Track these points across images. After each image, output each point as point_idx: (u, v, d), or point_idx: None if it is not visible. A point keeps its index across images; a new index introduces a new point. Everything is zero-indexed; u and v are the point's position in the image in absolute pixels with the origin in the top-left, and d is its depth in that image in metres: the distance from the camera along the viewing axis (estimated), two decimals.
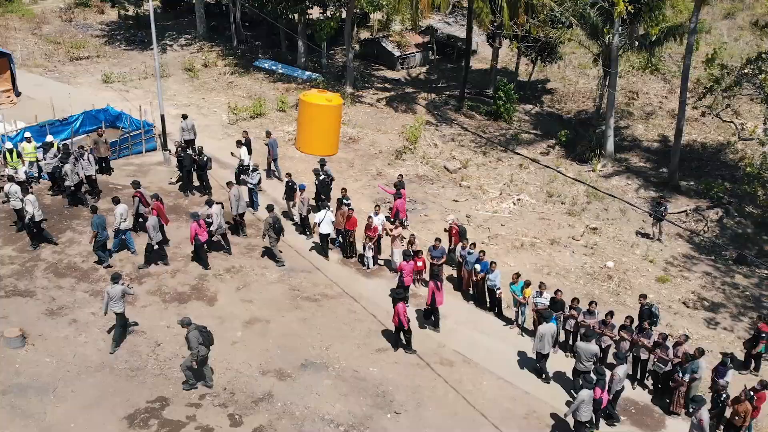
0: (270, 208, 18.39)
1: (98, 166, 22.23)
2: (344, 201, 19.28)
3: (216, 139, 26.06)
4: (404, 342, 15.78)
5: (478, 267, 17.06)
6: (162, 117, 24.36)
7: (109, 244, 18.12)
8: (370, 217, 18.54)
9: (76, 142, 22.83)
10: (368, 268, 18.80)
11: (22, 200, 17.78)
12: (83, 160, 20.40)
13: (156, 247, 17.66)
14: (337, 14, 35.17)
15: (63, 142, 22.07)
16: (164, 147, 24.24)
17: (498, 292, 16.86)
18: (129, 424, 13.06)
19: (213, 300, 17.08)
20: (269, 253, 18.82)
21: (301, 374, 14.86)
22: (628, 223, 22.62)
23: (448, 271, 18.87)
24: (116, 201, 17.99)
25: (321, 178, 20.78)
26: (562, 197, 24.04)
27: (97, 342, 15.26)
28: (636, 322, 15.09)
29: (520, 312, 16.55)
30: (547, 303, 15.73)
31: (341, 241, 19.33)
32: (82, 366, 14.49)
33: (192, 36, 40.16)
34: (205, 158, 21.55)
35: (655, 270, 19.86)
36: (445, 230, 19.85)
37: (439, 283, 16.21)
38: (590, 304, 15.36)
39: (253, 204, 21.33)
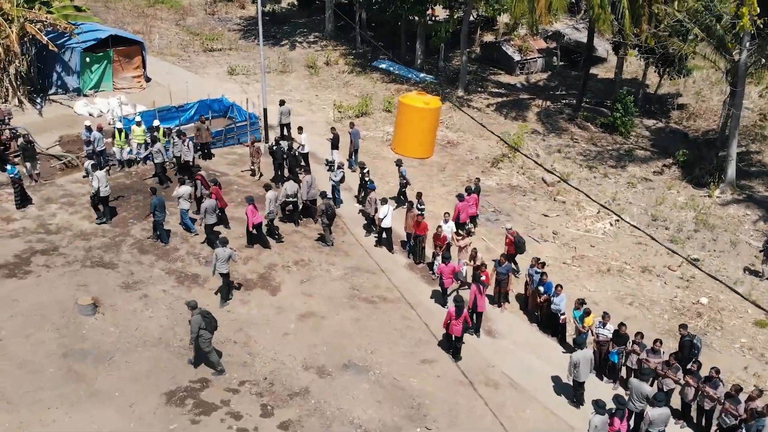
0: (323, 195, 19.05)
1: (200, 151, 23.62)
2: (418, 206, 18.97)
3: (319, 134, 26.59)
4: (453, 349, 15.36)
5: (541, 288, 16.08)
6: (265, 111, 25.32)
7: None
8: (439, 226, 18.09)
9: (188, 130, 24.29)
10: (435, 275, 18.36)
11: (90, 175, 19.04)
12: (183, 145, 21.67)
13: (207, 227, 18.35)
14: (455, 17, 34.67)
15: (177, 128, 23.51)
16: (266, 140, 25.16)
17: (562, 317, 15.78)
18: (167, 400, 13.63)
19: (276, 290, 17.46)
20: (322, 238, 19.44)
21: (341, 374, 14.79)
22: (737, 257, 20.32)
23: (518, 288, 17.99)
24: (181, 182, 19.02)
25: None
26: (667, 222, 22.09)
27: (161, 318, 16.09)
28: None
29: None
30: (610, 335, 14.51)
31: (411, 244, 19.04)
32: (142, 339, 15.33)
33: (320, 34, 41.47)
34: (296, 153, 22.09)
35: (755, 312, 17.69)
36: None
37: (481, 287, 15.58)
38: (655, 342, 13.94)
39: (335, 200, 21.56)
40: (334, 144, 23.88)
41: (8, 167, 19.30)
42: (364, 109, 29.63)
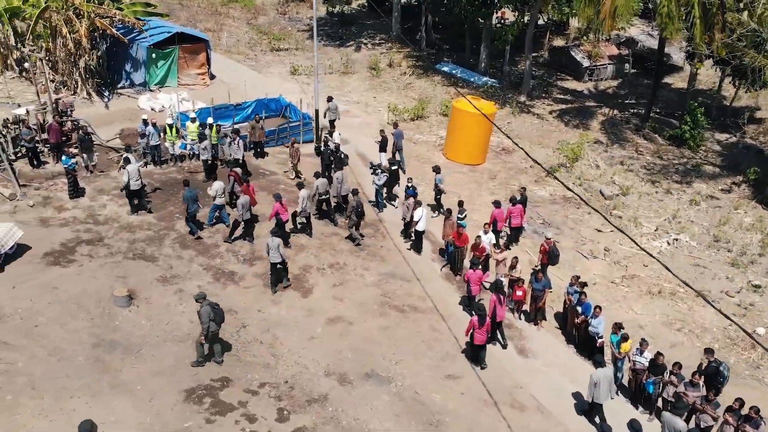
0: (355, 192, 19.08)
1: (253, 150, 23.87)
2: (458, 215, 18.43)
3: (371, 137, 26.38)
4: (477, 357, 15.00)
5: (579, 308, 15.27)
6: (316, 112, 25.34)
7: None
8: (478, 236, 17.51)
9: (243, 128, 24.61)
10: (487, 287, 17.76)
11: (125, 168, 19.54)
12: (234, 143, 21.92)
13: (242, 224, 18.60)
14: (522, 20, 33.73)
15: (233, 126, 23.86)
16: (317, 140, 25.16)
17: (599, 340, 14.91)
18: (186, 397, 13.70)
19: (308, 292, 17.34)
20: (350, 235, 19.35)
21: (362, 384, 14.49)
22: None
23: (557, 306, 17.19)
24: (214, 178, 19.22)
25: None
26: (730, 244, 20.64)
27: (192, 314, 16.12)
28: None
29: (617, 368, 14.47)
30: (646, 363, 13.59)
31: (449, 253, 18.54)
32: (171, 334, 15.51)
33: (386, 36, 41.33)
34: (342, 154, 21.97)
35: None
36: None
37: (501, 297, 15.04)
38: (693, 374, 12.94)
39: (378, 204, 21.31)
40: (382, 147, 23.65)
41: (63, 158, 20.00)
42: (419, 112, 29.24)
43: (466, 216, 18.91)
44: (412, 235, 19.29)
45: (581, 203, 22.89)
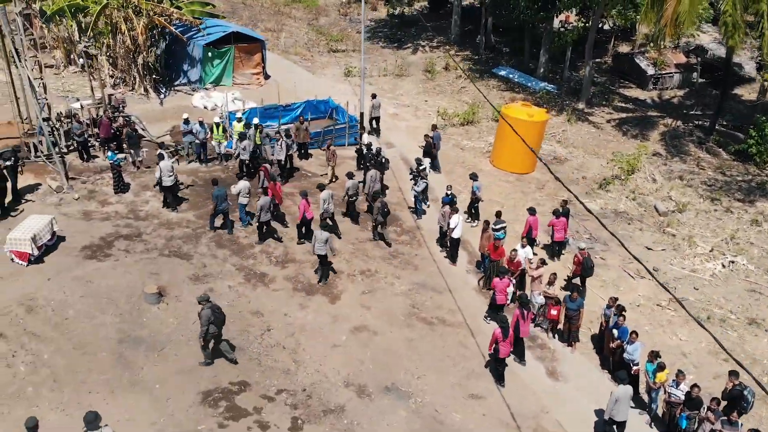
0: (377, 194, 19.10)
1: (298, 151, 23.82)
2: (493, 226, 17.77)
3: (418, 141, 25.91)
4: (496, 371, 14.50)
5: (615, 332, 14.38)
6: (361, 115, 25.09)
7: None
8: (514, 250, 16.81)
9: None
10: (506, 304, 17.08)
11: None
12: (277, 144, 21.90)
13: (258, 224, 18.59)
14: (583, 24, 32.52)
15: (280, 127, 23.90)
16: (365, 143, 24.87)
17: (635, 367, 13.99)
18: (201, 400, 13.61)
19: (336, 298, 17.05)
20: (380, 235, 19.25)
21: (381, 397, 14.07)
22: None
23: (585, 322, 16.30)
24: (240, 177, 19.32)
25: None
26: None
27: (222, 308, 16.14)
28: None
29: (651, 398, 13.54)
30: (682, 396, 12.63)
31: (485, 266, 17.89)
32: (196, 334, 15.36)
33: (445, 38, 40.75)
34: (383, 159, 21.62)
35: None
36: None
37: (525, 312, 14.38)
38: (712, 401, 11.99)
39: (416, 211, 20.85)
40: (427, 152, 23.18)
41: (109, 153, 20.42)
42: (470, 117, 28.57)
43: (505, 228, 18.22)
44: (448, 243, 18.75)
45: (633, 218, 21.78)
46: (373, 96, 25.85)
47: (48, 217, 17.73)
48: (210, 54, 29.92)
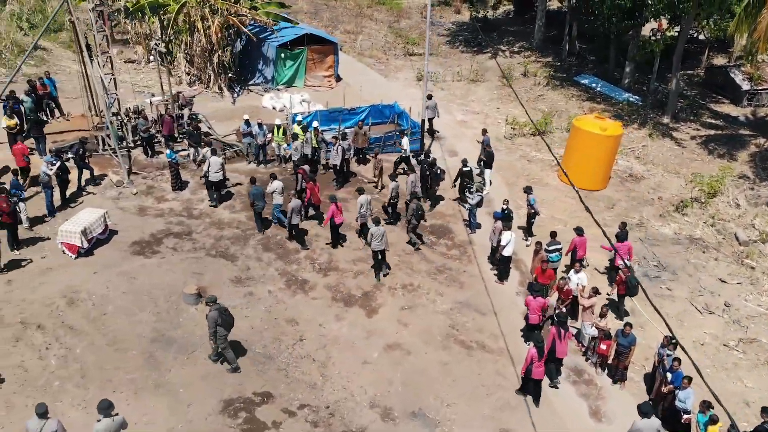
0: (415, 195, 18.85)
1: (356, 156, 23.42)
2: (546, 247, 16.64)
3: (476, 151, 24.78)
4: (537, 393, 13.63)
5: (669, 375, 13.02)
6: (422, 122, 24.37)
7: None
8: (564, 276, 15.65)
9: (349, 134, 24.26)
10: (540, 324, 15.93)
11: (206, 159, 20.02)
12: (333, 148, 21.57)
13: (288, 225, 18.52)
14: (671, 33, 30.36)
15: (340, 131, 23.64)
16: (421, 151, 24.16)
17: (686, 416, 12.60)
18: (222, 409, 13.35)
19: (373, 312, 16.46)
20: (417, 236, 18.98)
21: (405, 423, 13.35)
22: None
23: (640, 359, 14.90)
24: (273, 177, 19.20)
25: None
26: None
27: (255, 320, 15.94)
28: None
29: None
30: None
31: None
32: (231, 337, 15.14)
33: (527, 43, 39.34)
34: (438, 170, 20.82)
35: None
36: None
37: (562, 331, 13.35)
38: None
39: (470, 225, 19.93)
40: (488, 163, 22.19)
41: (167, 151, 20.70)
42: (542, 126, 27.23)
43: (560, 250, 17.05)
44: (496, 257, 17.80)
45: (709, 246, 19.95)
46: (429, 97, 25.29)
47: (101, 211, 18.10)
48: (283, 55, 30.03)
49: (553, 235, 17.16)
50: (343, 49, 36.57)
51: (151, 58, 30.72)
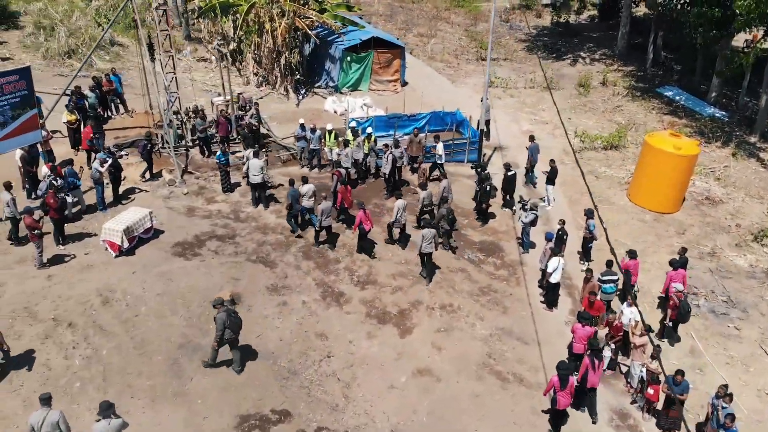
0: (445, 200, 18.63)
1: (410, 164, 22.66)
2: (601, 277, 15.31)
3: (544, 163, 23.54)
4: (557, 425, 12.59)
5: None
6: (481, 132, 23.31)
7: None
8: (613, 312, 14.33)
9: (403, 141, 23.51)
10: (604, 371, 14.56)
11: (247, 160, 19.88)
12: (383, 156, 20.91)
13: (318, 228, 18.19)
14: (760, 45, 27.83)
15: (394, 138, 22.97)
16: (477, 161, 23.11)
17: None
18: (237, 425, 12.91)
19: (407, 332, 15.65)
20: (448, 244, 18.58)
21: None
22: None
23: (695, 405, 13.36)
24: (305, 180, 18.95)
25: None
26: None
27: (285, 331, 15.46)
28: None
29: None
30: None
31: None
32: (255, 349, 14.86)
33: (609, 51, 37.36)
34: (487, 186, 19.65)
35: None
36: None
37: (596, 361, 12.40)
38: None
39: (523, 244, 18.76)
40: (550, 179, 20.91)
41: (217, 153, 20.62)
42: (615, 140, 25.54)
43: (615, 281, 15.66)
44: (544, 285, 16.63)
45: None
46: (482, 100, 24.57)
47: (145, 210, 18.13)
48: (349, 58, 29.60)
49: (609, 264, 15.76)
50: (413, 53, 35.89)
51: (214, 58, 31.07)
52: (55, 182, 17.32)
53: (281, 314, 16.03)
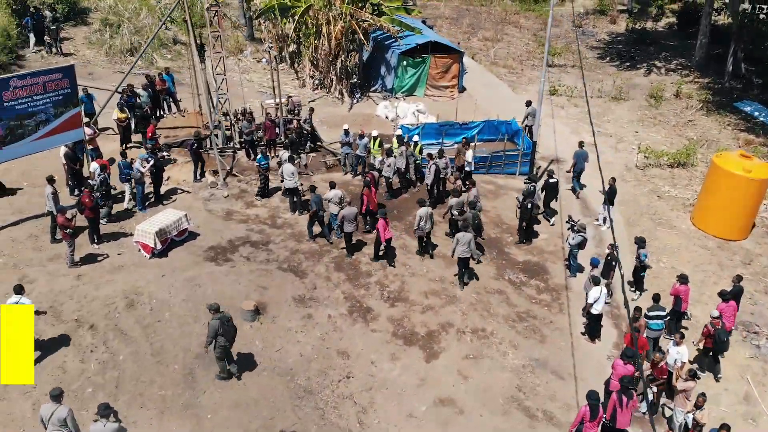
0: (472, 205, 18.14)
1: (459, 175, 21.70)
2: (647, 313, 13.97)
3: (595, 178, 21.85)
4: None
5: None
6: (534, 143, 22.05)
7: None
8: (660, 351, 13.01)
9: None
10: (644, 413, 13.28)
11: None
12: (426, 167, 20.09)
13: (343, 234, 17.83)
14: None
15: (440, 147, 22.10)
16: (531, 176, 21.86)
17: None
18: None
19: (433, 356, 14.76)
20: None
21: None
22: None
23: None
24: (332, 185, 18.47)
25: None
26: None
27: (306, 347, 14.88)
28: None
29: None
30: None
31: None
32: (274, 364, 14.34)
33: (686, 61, 35.11)
34: (528, 204, 18.41)
35: None
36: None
37: (625, 399, 11.30)
38: None
39: (570, 267, 17.52)
40: (609, 198, 19.46)
41: (258, 156, 20.27)
42: (683, 157, 23.74)
43: (664, 318, 14.27)
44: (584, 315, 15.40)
45: None
46: (528, 103, 24.26)
47: (180, 213, 17.97)
48: (405, 63, 28.87)
49: (656, 299, 14.37)
50: (474, 58, 34.81)
51: (264, 60, 30.98)
52: (91, 182, 17.37)
53: (305, 328, 15.46)
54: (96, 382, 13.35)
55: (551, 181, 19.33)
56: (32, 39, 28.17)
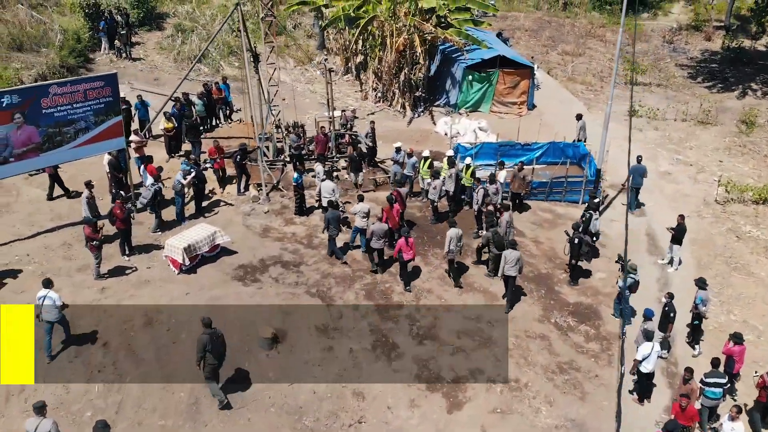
0: (491, 224, 17.70)
1: (512, 202, 20.16)
2: (704, 378, 12.09)
3: (671, 214, 19.69)
4: None
5: None
6: (598, 171, 20.18)
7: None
8: (711, 420, 11.15)
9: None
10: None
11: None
12: (474, 191, 18.77)
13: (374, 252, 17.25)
14: None
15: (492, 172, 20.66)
16: (591, 203, 19.99)
17: None
18: None
19: (456, 406, 13.36)
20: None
21: None
22: None
23: None
24: (360, 198, 18.05)
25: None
26: None
27: (320, 384, 13.80)
28: None
29: None
30: None
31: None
32: (285, 400, 13.41)
33: None
34: (576, 239, 16.66)
35: None
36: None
37: None
38: None
39: (622, 312, 15.61)
40: (677, 237, 17.45)
41: (295, 175, 19.46)
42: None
43: (723, 385, 12.35)
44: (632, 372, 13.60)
45: None
46: (579, 116, 23.57)
47: (212, 228, 17.43)
48: (470, 77, 27.50)
49: (716, 363, 12.44)
50: (550, 73, 32.95)
51: (319, 72, 30.38)
52: (123, 193, 17.12)
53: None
54: (97, 406, 12.85)
55: (595, 201, 18.46)
56: (104, 43, 28.75)
